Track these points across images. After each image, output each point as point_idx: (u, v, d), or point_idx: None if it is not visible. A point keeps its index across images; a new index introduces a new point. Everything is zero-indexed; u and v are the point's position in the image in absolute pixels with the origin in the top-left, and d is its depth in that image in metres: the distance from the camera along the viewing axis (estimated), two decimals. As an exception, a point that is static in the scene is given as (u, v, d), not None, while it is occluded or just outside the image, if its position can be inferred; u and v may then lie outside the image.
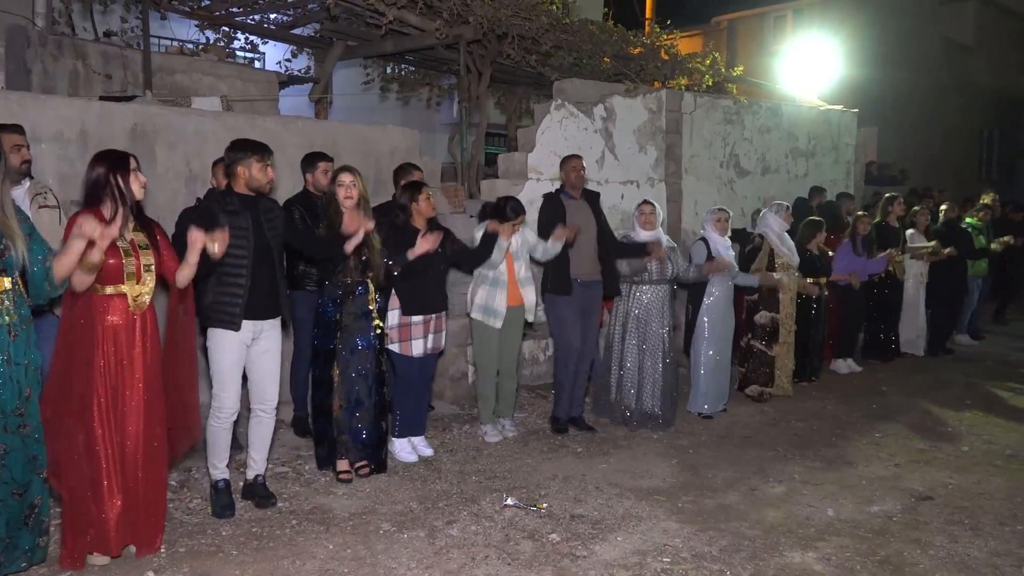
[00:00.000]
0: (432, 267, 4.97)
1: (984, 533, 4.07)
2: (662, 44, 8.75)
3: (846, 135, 10.54)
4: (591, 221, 5.76)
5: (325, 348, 4.65)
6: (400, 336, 4.99)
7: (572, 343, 5.71)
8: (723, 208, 6.44)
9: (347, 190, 4.54)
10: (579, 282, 5.65)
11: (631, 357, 5.86)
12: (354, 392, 4.65)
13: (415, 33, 7.67)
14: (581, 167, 5.82)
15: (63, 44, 7.07)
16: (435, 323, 5.10)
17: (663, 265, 5.85)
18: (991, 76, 19.42)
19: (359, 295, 4.64)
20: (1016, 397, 6.97)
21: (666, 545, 3.88)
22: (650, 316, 5.85)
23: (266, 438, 4.37)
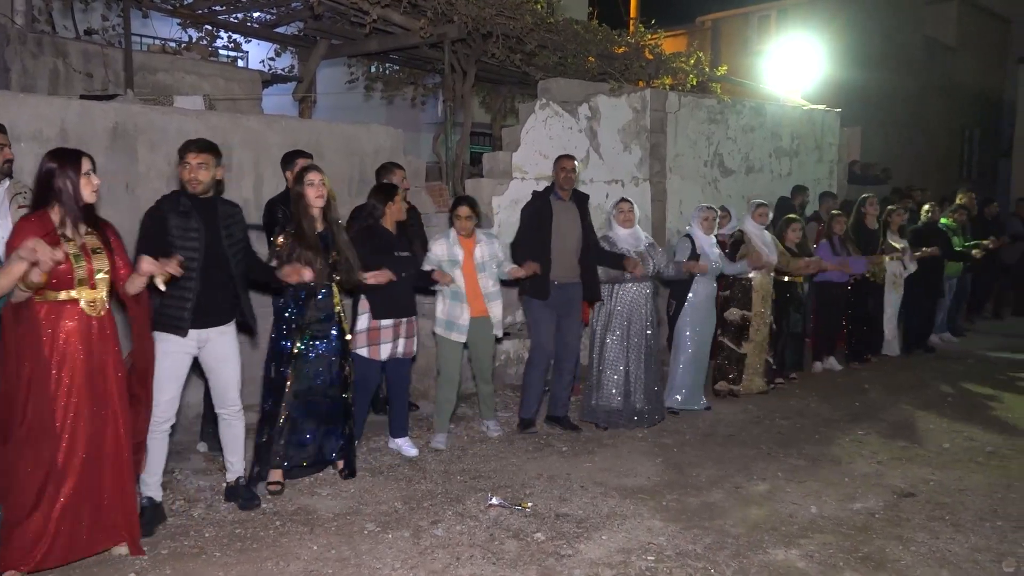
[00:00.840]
0: (402, 273, 4.90)
1: (965, 529, 4.10)
2: (647, 44, 8.76)
3: (829, 135, 10.60)
4: (576, 223, 5.72)
5: (283, 350, 4.49)
6: (369, 340, 4.94)
7: (545, 346, 5.70)
8: (711, 207, 6.44)
9: (317, 189, 4.44)
10: (556, 284, 5.61)
11: (614, 356, 5.83)
12: (310, 395, 4.50)
13: (399, 32, 7.65)
14: (572, 168, 5.75)
15: (43, 42, 7.01)
16: (405, 328, 5.05)
17: (644, 263, 5.81)
18: (973, 76, 19.59)
19: (322, 297, 4.52)
20: (996, 395, 7.03)
21: (651, 543, 3.89)
22: (632, 314, 5.82)
23: (238, 439, 4.33)
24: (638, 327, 5.83)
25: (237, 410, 4.29)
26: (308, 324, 4.48)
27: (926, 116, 17.94)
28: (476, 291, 5.40)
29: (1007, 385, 7.42)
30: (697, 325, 6.31)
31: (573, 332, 5.82)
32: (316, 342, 4.50)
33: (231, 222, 4.12)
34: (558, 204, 5.71)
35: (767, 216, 6.86)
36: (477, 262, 5.39)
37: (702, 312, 6.33)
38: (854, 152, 11.82)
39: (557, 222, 5.63)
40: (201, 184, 3.97)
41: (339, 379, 4.61)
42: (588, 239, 5.75)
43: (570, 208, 5.76)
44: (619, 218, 5.92)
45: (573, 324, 5.80)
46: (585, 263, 5.71)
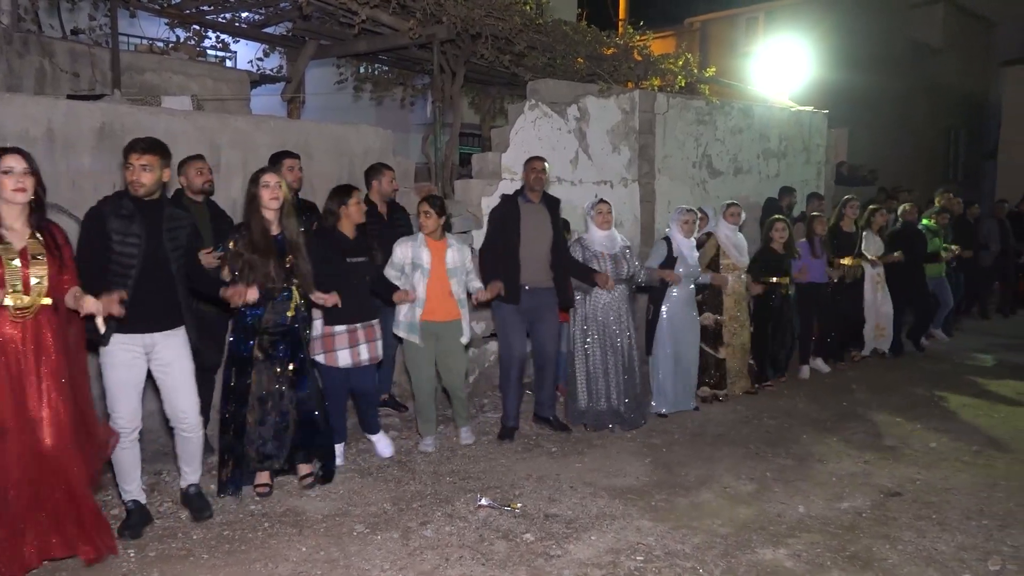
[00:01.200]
0: (355, 278, 4.79)
1: (951, 528, 4.13)
2: (635, 45, 8.78)
3: (817, 136, 10.66)
4: (547, 227, 5.60)
5: (240, 355, 4.35)
6: (324, 347, 4.79)
7: (514, 351, 5.57)
8: (691, 209, 6.32)
9: (272, 191, 4.26)
10: (527, 289, 5.50)
11: (593, 360, 5.76)
12: (274, 400, 4.35)
13: (388, 33, 7.64)
14: (542, 169, 5.59)
15: (29, 41, 6.95)
16: (364, 333, 4.89)
17: (618, 265, 5.72)
18: (959, 78, 19.73)
19: (280, 301, 4.35)
20: (982, 395, 7.08)
21: (639, 543, 3.90)
22: (609, 317, 5.75)
23: (194, 453, 4.19)
24: (615, 330, 5.75)
25: (192, 421, 4.09)
26: (267, 328, 4.33)
27: (912, 117, 18.06)
28: (446, 294, 5.22)
29: (993, 386, 7.47)
30: (676, 330, 6.21)
31: (549, 337, 5.70)
32: (278, 346, 4.36)
33: (175, 226, 3.95)
34: (527, 207, 5.58)
35: (739, 216, 6.69)
36: (448, 267, 5.22)
37: (681, 316, 6.23)
38: (841, 153, 11.90)
39: (526, 225, 5.50)
40: (143, 187, 3.79)
41: (307, 383, 4.47)
42: (560, 244, 5.62)
43: (540, 211, 5.62)
44: (597, 219, 5.78)
45: (548, 329, 5.68)
46: (557, 268, 5.58)
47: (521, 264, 5.46)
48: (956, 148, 20.67)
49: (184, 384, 4.03)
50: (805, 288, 7.54)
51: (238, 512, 4.23)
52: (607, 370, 5.76)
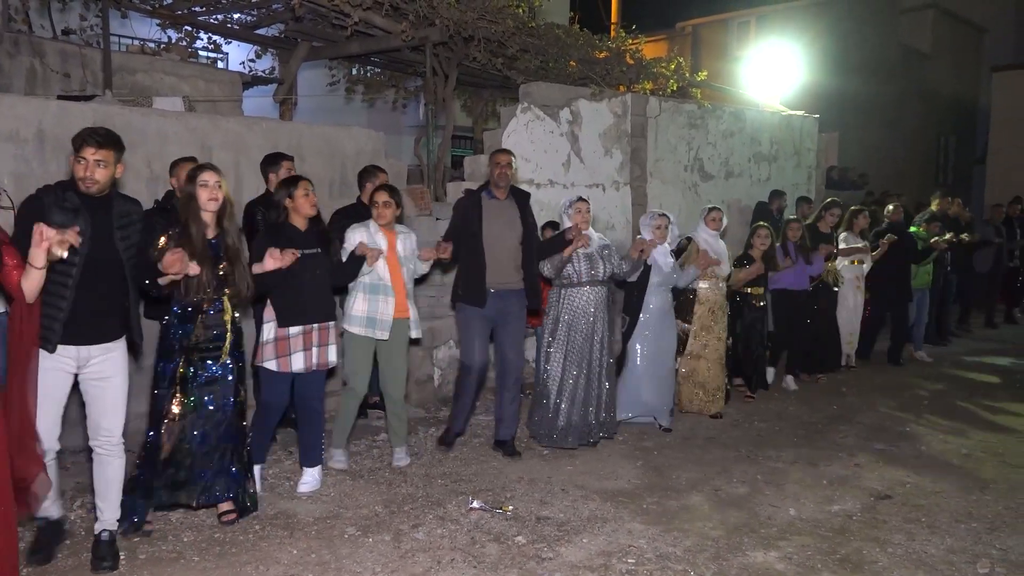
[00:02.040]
0: (308, 274, 4.41)
1: (941, 531, 4.15)
2: (627, 49, 8.80)
3: (808, 140, 10.70)
4: (515, 224, 5.24)
5: (167, 373, 3.90)
6: (277, 351, 4.40)
7: (474, 358, 5.22)
8: (664, 214, 6.02)
9: (211, 191, 3.85)
10: (494, 291, 5.14)
11: (564, 369, 5.38)
12: (200, 424, 3.93)
13: (381, 35, 7.63)
14: (508, 164, 5.19)
15: (20, 42, 6.93)
16: (319, 335, 4.50)
17: (593, 264, 5.38)
18: (948, 84, 19.85)
19: (212, 313, 3.94)
20: (972, 399, 7.12)
21: (631, 546, 3.90)
22: (583, 321, 5.37)
23: (114, 481, 3.70)
24: (589, 335, 5.38)
25: (115, 444, 3.67)
26: (196, 344, 3.92)
27: (902, 122, 18.16)
28: (400, 286, 4.87)
29: (982, 389, 7.52)
30: (653, 340, 5.92)
31: (514, 344, 5.31)
32: (207, 363, 3.94)
33: (127, 223, 3.60)
34: (492, 203, 5.21)
35: (720, 221, 6.41)
36: (400, 256, 4.87)
37: (658, 326, 5.94)
38: (832, 157, 11.93)
39: (490, 223, 5.14)
40: (97, 185, 3.44)
41: (233, 405, 4.04)
42: (530, 240, 5.27)
43: (508, 207, 5.25)
44: (576, 218, 5.37)
45: (513, 335, 5.29)
46: (527, 268, 5.24)
47: (487, 265, 5.12)
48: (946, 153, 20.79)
49: (118, 401, 3.66)
50: (779, 295, 7.27)
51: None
52: (576, 381, 5.38)
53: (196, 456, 3.93)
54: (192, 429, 3.91)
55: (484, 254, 5.11)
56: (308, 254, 4.39)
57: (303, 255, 4.34)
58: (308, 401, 4.61)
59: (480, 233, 5.12)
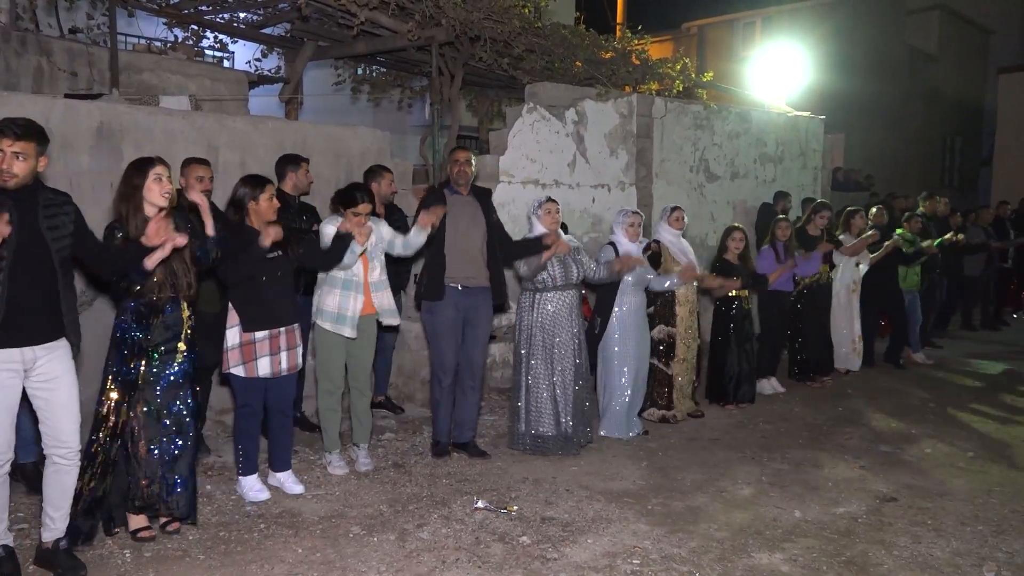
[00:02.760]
0: (271, 277, 4.28)
1: (946, 533, 4.14)
2: (633, 49, 8.80)
3: (813, 141, 10.68)
4: (479, 221, 5.15)
5: (124, 379, 3.73)
6: (243, 356, 4.28)
7: (445, 358, 5.12)
8: (637, 212, 5.92)
9: (164, 185, 3.67)
10: (459, 289, 5.06)
11: (538, 375, 5.27)
12: (161, 433, 3.77)
13: (387, 34, 7.64)
14: (466, 161, 5.14)
15: (27, 40, 6.94)
16: (286, 338, 4.38)
17: (567, 268, 5.27)
18: (955, 85, 19.83)
19: (169, 313, 3.78)
20: (976, 401, 7.11)
21: (636, 547, 3.90)
22: (556, 326, 5.26)
23: (68, 490, 3.51)
24: (563, 339, 5.27)
25: (73, 450, 3.48)
26: (153, 346, 3.75)
27: (908, 124, 18.13)
28: (366, 283, 4.83)
29: (987, 391, 7.50)
30: (627, 342, 5.75)
31: (478, 344, 5.21)
32: (165, 367, 3.79)
33: (55, 212, 3.36)
34: (456, 199, 5.11)
35: (682, 221, 6.25)
36: (368, 251, 4.78)
37: (631, 327, 5.75)
38: (837, 159, 11.91)
39: (456, 219, 5.04)
40: (15, 178, 3.22)
41: (191, 408, 3.89)
42: (495, 235, 5.18)
43: (470, 204, 5.17)
44: (546, 220, 5.27)
45: (478, 334, 5.19)
46: (493, 265, 5.16)
47: (451, 260, 5.03)
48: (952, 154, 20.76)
49: (70, 403, 3.46)
50: (764, 296, 7.14)
51: (234, 513, 4.22)
52: (551, 386, 5.26)
53: (152, 465, 3.74)
54: (150, 435, 3.74)
55: (445, 248, 5.02)
56: (270, 257, 4.27)
57: (266, 259, 4.24)
58: (278, 406, 4.50)
59: (444, 228, 5.01)
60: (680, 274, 5.95)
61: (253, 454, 4.47)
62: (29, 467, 4.29)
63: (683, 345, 6.16)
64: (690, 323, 6.20)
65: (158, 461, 3.76)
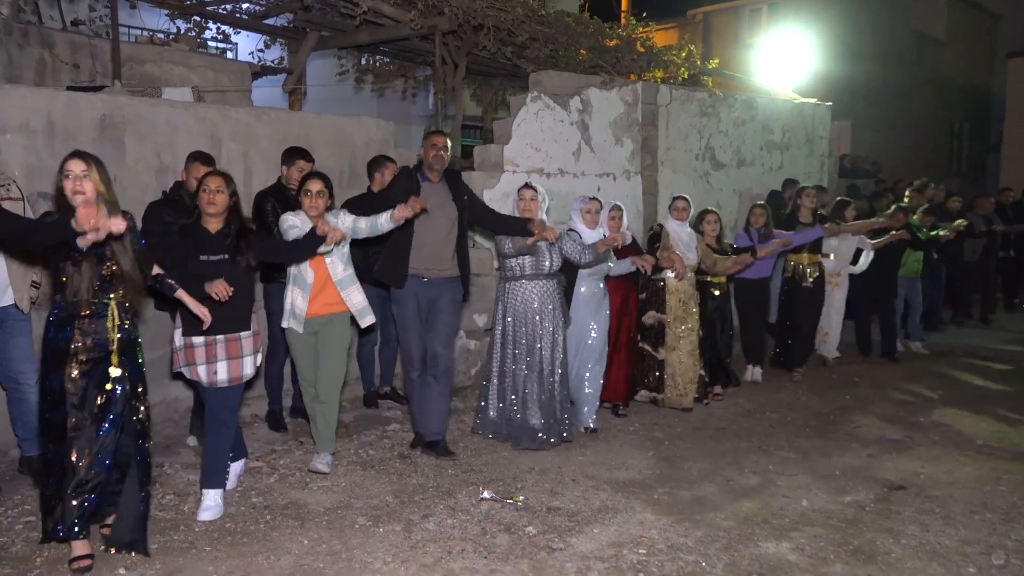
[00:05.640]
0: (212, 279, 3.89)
1: (955, 521, 4.12)
2: (638, 37, 8.73)
3: (820, 128, 10.62)
4: (449, 208, 4.94)
5: (53, 387, 3.45)
6: (186, 359, 4.04)
7: (412, 350, 4.99)
8: (595, 198, 5.77)
9: (75, 183, 3.37)
10: (425, 280, 4.90)
11: (512, 364, 5.17)
12: (95, 446, 3.46)
13: (390, 24, 7.60)
14: (444, 147, 4.90)
15: (29, 33, 6.92)
16: (228, 347, 4.03)
17: (538, 258, 5.14)
18: (963, 71, 19.68)
19: (92, 321, 3.47)
20: (985, 389, 7.08)
21: (642, 537, 3.89)
22: (528, 315, 5.15)
23: None
24: (535, 330, 5.15)
25: None
26: (79, 352, 3.44)
27: (916, 110, 18.01)
28: (325, 279, 4.55)
29: (995, 378, 7.47)
30: (583, 327, 5.58)
31: (443, 336, 4.99)
32: (91, 376, 3.47)
33: None
34: (425, 185, 4.89)
35: (686, 212, 6.21)
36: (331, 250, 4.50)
37: (582, 316, 5.59)
38: (844, 146, 11.84)
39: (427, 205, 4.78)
40: None
41: (129, 423, 3.57)
42: (464, 226, 5.00)
43: (440, 190, 4.94)
44: (520, 206, 5.22)
45: (444, 326, 4.98)
46: (461, 254, 5.00)
47: (416, 249, 4.85)
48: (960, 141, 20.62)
49: None
50: (738, 285, 6.98)
51: (240, 504, 4.23)
52: (527, 379, 5.17)
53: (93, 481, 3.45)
54: (87, 449, 3.44)
55: (412, 236, 4.82)
56: (214, 260, 3.96)
57: (209, 261, 3.95)
58: (215, 417, 4.11)
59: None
60: (661, 260, 5.90)
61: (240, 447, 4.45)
62: (36, 460, 4.29)
63: (672, 334, 6.12)
64: (681, 312, 6.13)
65: (86, 479, 3.44)
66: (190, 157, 4.92)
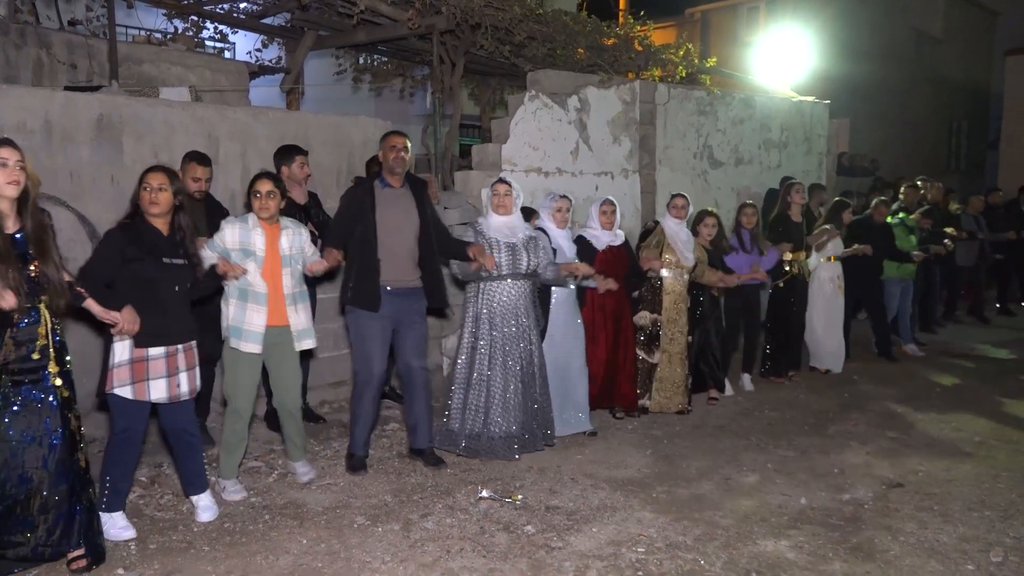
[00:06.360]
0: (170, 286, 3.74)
1: (953, 519, 4.12)
2: (636, 35, 8.74)
3: (818, 126, 10.61)
4: (412, 215, 4.70)
5: None
6: (133, 375, 3.67)
7: (372, 368, 4.65)
8: (565, 196, 5.58)
9: (10, 173, 3.22)
10: (389, 290, 4.60)
11: (488, 371, 4.91)
12: (18, 465, 3.24)
13: (387, 23, 7.60)
14: (403, 147, 4.65)
15: (26, 33, 6.92)
16: (184, 358, 3.83)
17: (516, 257, 4.91)
18: (961, 68, 19.66)
19: (25, 325, 3.23)
20: (982, 387, 7.08)
21: (641, 535, 3.89)
22: (504, 319, 4.92)
23: None
24: (512, 334, 4.92)
25: None
26: (6, 365, 3.21)
27: (914, 108, 17.99)
28: (279, 292, 4.28)
29: (994, 376, 7.47)
30: (553, 334, 5.37)
31: (416, 350, 4.77)
32: (22, 388, 3.24)
33: None
34: (386, 192, 4.65)
35: (685, 210, 6.08)
36: (283, 254, 4.27)
37: (559, 321, 5.42)
38: (842, 144, 11.83)
39: (385, 214, 4.58)
40: None
41: (62, 437, 3.33)
42: (429, 231, 4.72)
43: (403, 196, 4.70)
44: (494, 201, 5.02)
45: (415, 340, 4.76)
46: (427, 264, 4.73)
47: (382, 261, 4.57)
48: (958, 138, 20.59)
49: None
50: (731, 290, 6.64)
51: (238, 504, 4.22)
52: (504, 385, 4.91)
53: (20, 505, 3.26)
54: (12, 470, 3.23)
55: (377, 250, 4.55)
56: (177, 264, 3.76)
57: (173, 265, 3.73)
58: (180, 430, 3.95)
59: (374, 226, 4.55)
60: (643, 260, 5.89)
61: (123, 488, 3.85)
62: None
63: (666, 335, 6.00)
64: (674, 314, 6.01)
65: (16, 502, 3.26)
66: (186, 157, 4.92)
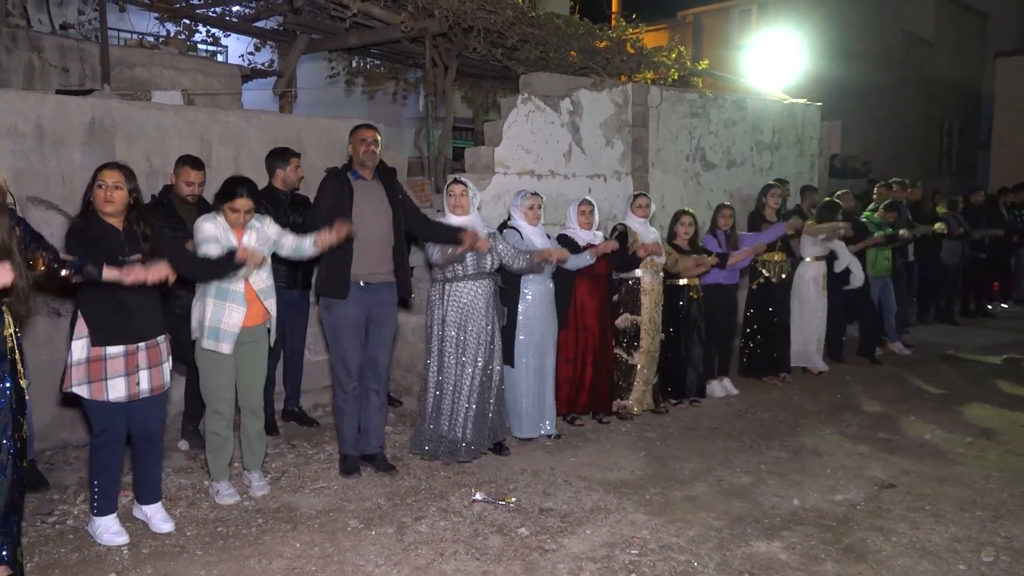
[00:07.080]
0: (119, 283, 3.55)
1: (945, 519, 4.14)
2: (628, 38, 8.75)
3: (810, 128, 10.64)
4: (384, 207, 4.66)
5: None
6: (90, 374, 3.61)
7: (349, 362, 4.63)
8: (536, 193, 5.48)
9: None
10: (361, 284, 4.58)
11: (456, 372, 4.90)
12: None
13: (380, 26, 7.61)
14: (373, 141, 4.60)
15: (18, 36, 6.90)
16: (148, 355, 3.74)
17: (480, 256, 4.89)
18: (952, 70, 19.75)
19: None
20: (974, 387, 7.11)
21: (634, 537, 3.90)
22: (469, 319, 4.88)
23: None
24: (479, 332, 4.91)
25: None
26: None
27: (905, 110, 18.06)
28: (252, 292, 4.22)
29: (985, 377, 7.50)
30: (531, 332, 5.35)
31: (382, 344, 4.74)
32: None
33: None
34: (360, 184, 4.61)
35: (648, 208, 6.05)
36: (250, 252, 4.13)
37: (536, 318, 5.37)
38: (835, 146, 11.86)
39: (360, 207, 4.54)
40: None
41: (10, 443, 3.16)
42: (406, 217, 4.72)
43: (375, 188, 4.66)
44: (449, 202, 4.98)
45: (383, 333, 4.73)
46: (398, 256, 4.71)
47: (356, 254, 4.53)
48: (949, 139, 20.68)
49: None
50: (708, 291, 6.55)
51: (231, 508, 4.22)
52: (471, 385, 4.90)
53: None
54: None
55: (352, 241, 4.48)
56: (124, 261, 3.59)
57: (124, 260, 3.58)
58: (143, 434, 3.86)
59: (350, 218, 4.46)
60: (638, 250, 5.82)
61: (113, 491, 3.81)
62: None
63: (647, 335, 6.00)
64: (653, 314, 6.02)
65: None
66: (179, 161, 4.91)
